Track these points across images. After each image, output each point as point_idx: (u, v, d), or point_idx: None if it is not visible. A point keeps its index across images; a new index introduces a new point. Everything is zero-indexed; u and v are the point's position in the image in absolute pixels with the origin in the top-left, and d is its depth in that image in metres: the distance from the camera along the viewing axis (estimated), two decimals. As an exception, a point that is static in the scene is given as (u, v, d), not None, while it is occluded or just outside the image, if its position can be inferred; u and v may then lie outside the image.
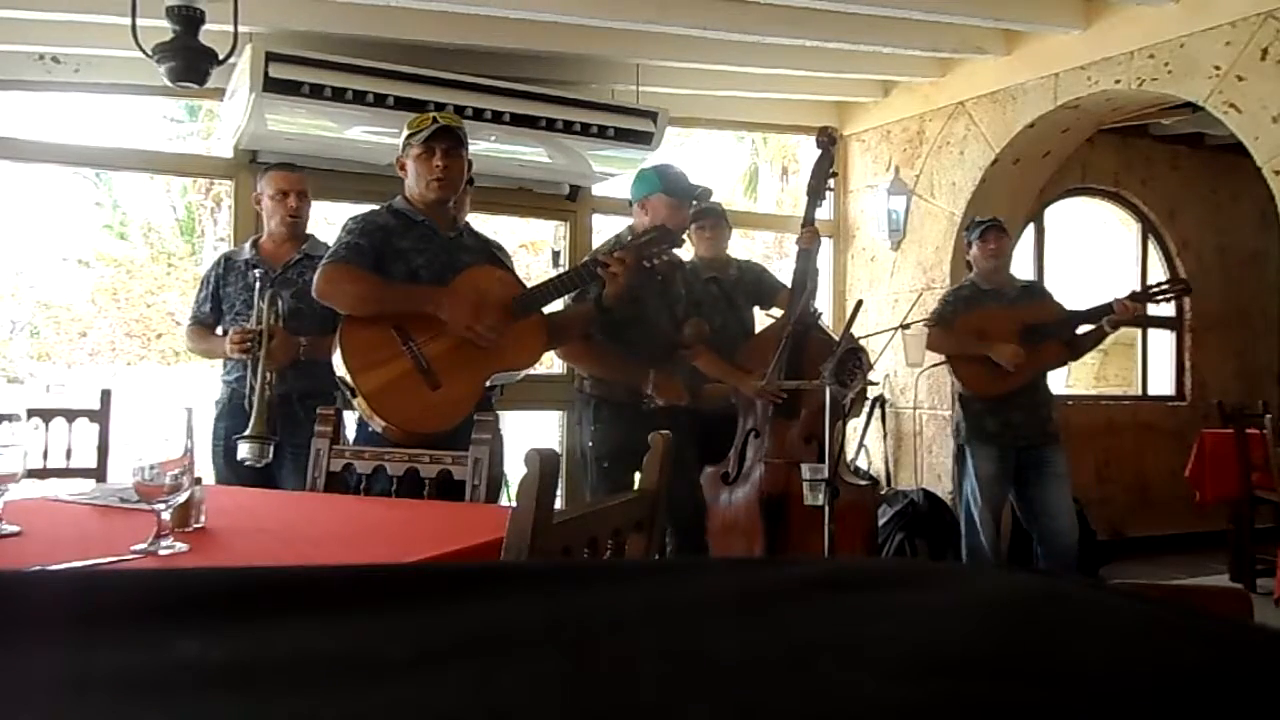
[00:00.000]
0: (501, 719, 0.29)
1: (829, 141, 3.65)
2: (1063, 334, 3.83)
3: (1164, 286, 3.86)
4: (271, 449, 2.77)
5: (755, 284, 3.79)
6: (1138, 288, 4.02)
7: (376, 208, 2.74)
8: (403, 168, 2.71)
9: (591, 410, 3.20)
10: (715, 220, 3.80)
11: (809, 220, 3.63)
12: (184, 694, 0.30)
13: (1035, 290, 4.08)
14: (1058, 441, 3.89)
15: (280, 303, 2.95)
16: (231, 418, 3.11)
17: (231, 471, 3.08)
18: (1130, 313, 3.72)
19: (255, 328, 2.92)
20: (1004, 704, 0.30)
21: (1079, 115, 4.51)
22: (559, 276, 2.82)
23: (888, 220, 5.06)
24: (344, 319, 2.56)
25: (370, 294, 2.52)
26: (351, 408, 2.60)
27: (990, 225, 3.89)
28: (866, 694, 0.30)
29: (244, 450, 2.74)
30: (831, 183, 3.69)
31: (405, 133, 2.69)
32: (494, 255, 2.78)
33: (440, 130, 2.63)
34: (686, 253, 3.87)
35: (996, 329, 3.79)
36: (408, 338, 2.53)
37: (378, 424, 2.50)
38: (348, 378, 2.50)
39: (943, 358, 3.98)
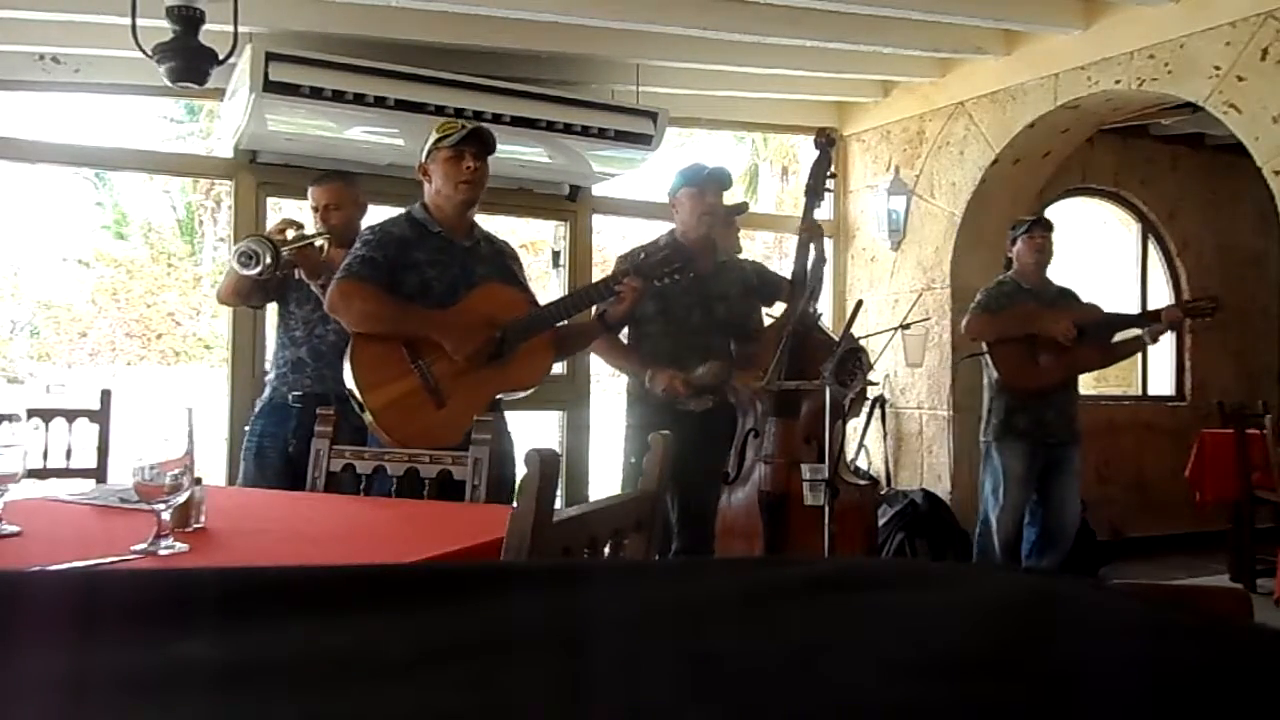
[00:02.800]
0: (501, 719, 0.29)
1: (827, 143, 3.65)
2: (1106, 335, 3.88)
3: (1200, 304, 3.88)
4: (267, 257, 2.77)
5: (754, 285, 3.79)
6: (1171, 300, 4.04)
7: (394, 216, 2.75)
8: (425, 174, 2.71)
9: (627, 408, 3.38)
10: (725, 219, 3.84)
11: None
12: (184, 694, 0.30)
13: (1071, 295, 4.08)
14: (1080, 442, 3.97)
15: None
16: (270, 417, 3.14)
17: (260, 473, 3.09)
18: (1175, 322, 3.80)
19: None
20: (1004, 704, 0.30)
21: (1079, 115, 4.51)
22: (559, 302, 2.82)
23: (888, 220, 5.06)
24: (354, 334, 2.59)
25: (379, 313, 2.56)
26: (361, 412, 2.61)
27: (1037, 221, 3.95)
28: (867, 694, 0.30)
29: (240, 248, 2.81)
30: (830, 184, 3.70)
31: (433, 137, 2.68)
32: (507, 266, 2.78)
33: (472, 134, 2.65)
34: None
35: (1039, 314, 3.85)
36: (417, 355, 2.56)
37: (383, 438, 2.52)
38: (357, 393, 2.55)
39: (983, 347, 3.96)
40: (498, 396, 2.65)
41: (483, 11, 3.64)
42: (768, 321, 3.58)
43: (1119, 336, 4.01)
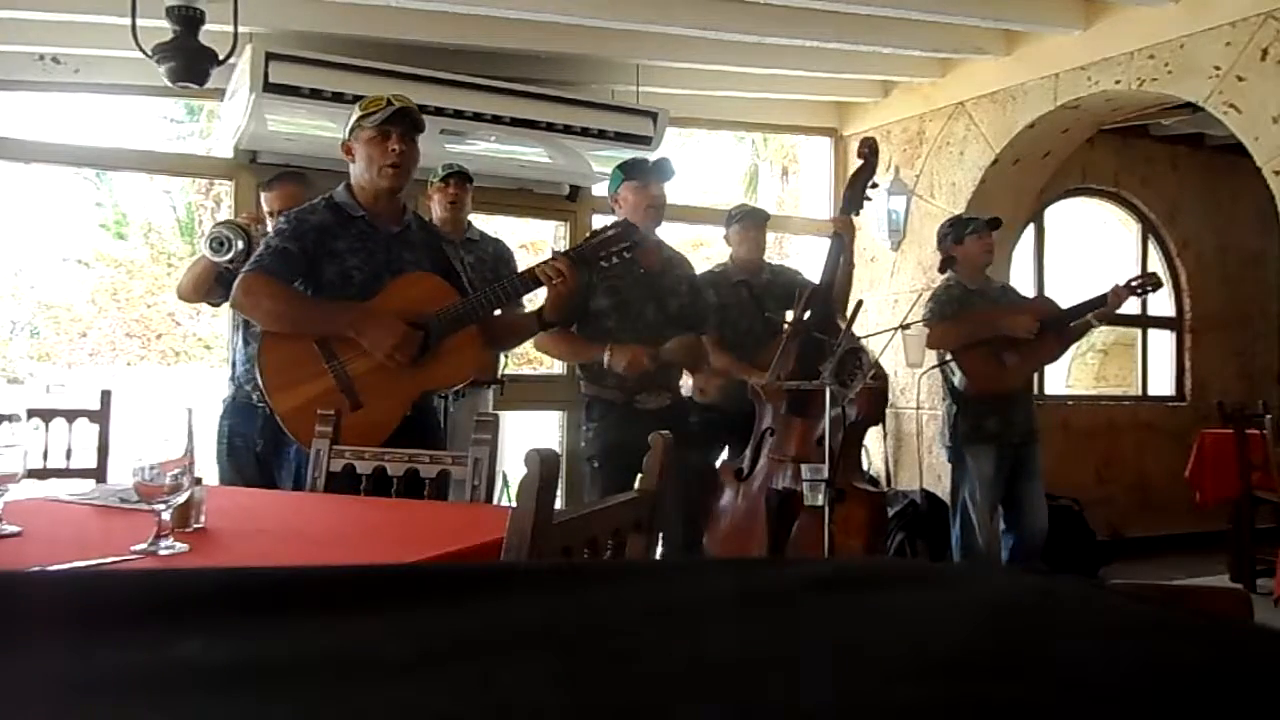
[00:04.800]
0: (501, 719, 0.29)
1: (871, 152, 3.64)
2: (1063, 325, 3.88)
3: (1143, 281, 3.91)
4: (239, 244, 2.75)
5: (786, 288, 3.80)
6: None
7: (314, 201, 2.54)
8: (349, 153, 2.50)
9: (584, 409, 3.32)
10: (754, 222, 3.87)
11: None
12: (184, 694, 0.30)
13: (1011, 291, 4.13)
14: (1039, 439, 3.99)
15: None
16: (235, 416, 3.15)
17: (236, 472, 3.10)
18: (1119, 302, 3.80)
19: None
20: (1004, 704, 0.29)
21: (1079, 115, 4.51)
22: (487, 292, 2.51)
23: (888, 220, 5.06)
24: (263, 331, 2.45)
25: (287, 312, 2.37)
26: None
27: (991, 222, 3.91)
28: (867, 694, 0.30)
29: (212, 233, 2.79)
30: (871, 194, 3.68)
31: (355, 114, 2.48)
32: (440, 252, 2.58)
33: (398, 113, 2.43)
34: (723, 254, 3.97)
35: (999, 315, 3.85)
36: (331, 354, 2.37)
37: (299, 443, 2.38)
38: (266, 395, 2.40)
39: (947, 355, 3.96)
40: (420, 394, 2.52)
41: (483, 11, 3.65)
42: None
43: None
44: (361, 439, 2.23)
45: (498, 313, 2.58)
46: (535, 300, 2.72)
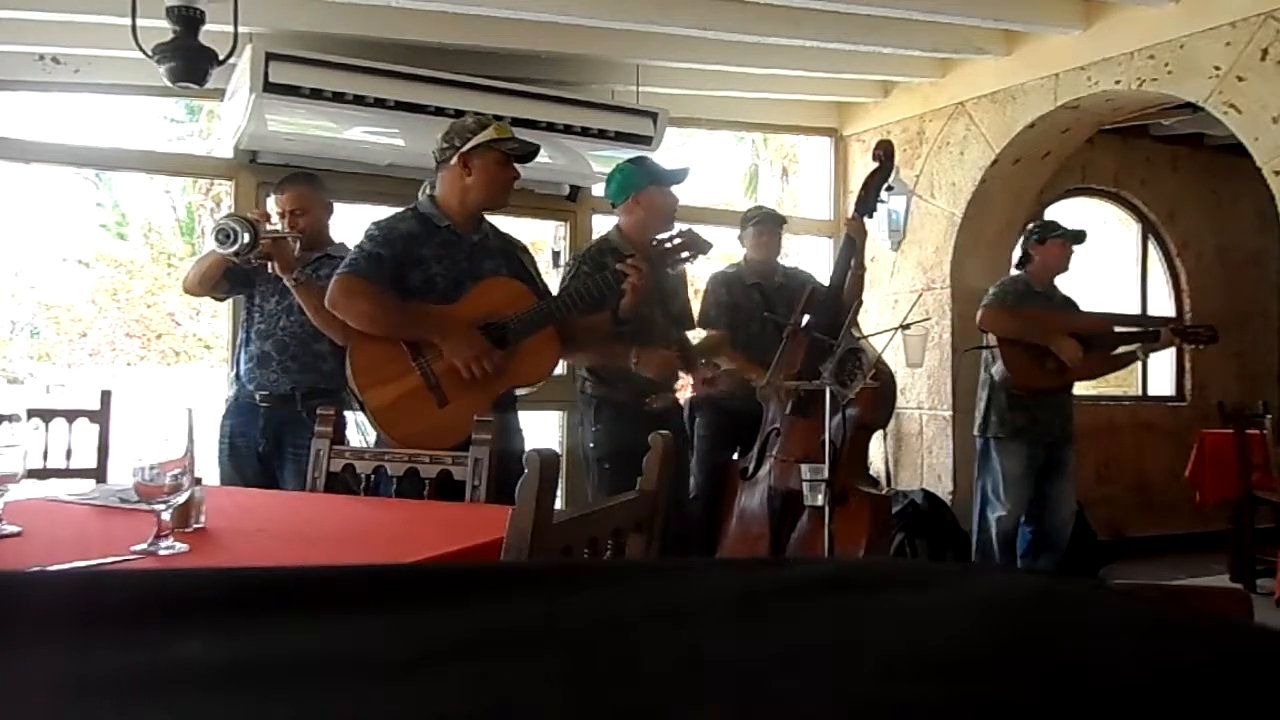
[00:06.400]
0: (501, 719, 0.29)
1: (885, 155, 3.64)
2: (1110, 347, 3.95)
3: (1199, 331, 4.00)
4: (245, 236, 2.72)
5: (799, 292, 3.80)
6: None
7: (400, 211, 2.70)
8: (465, 165, 2.62)
9: (592, 411, 3.27)
10: (770, 225, 3.89)
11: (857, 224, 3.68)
12: (184, 694, 0.30)
13: (1073, 303, 4.16)
14: (1074, 441, 4.03)
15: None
16: (238, 416, 3.15)
17: (237, 472, 3.11)
18: (1170, 343, 3.93)
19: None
20: (1004, 704, 0.29)
21: (1079, 115, 4.51)
22: (565, 295, 2.73)
23: (888, 221, 5.06)
24: (354, 331, 2.56)
25: (380, 315, 2.52)
26: (361, 411, 2.61)
27: (1077, 234, 3.98)
28: (866, 694, 0.30)
29: (219, 224, 2.79)
30: (885, 195, 3.69)
31: (487, 135, 2.61)
32: (516, 258, 2.75)
33: (527, 152, 2.68)
34: (724, 253, 3.98)
35: (1054, 327, 3.91)
36: (419, 353, 2.52)
37: (385, 438, 2.52)
38: (357, 392, 2.53)
39: (993, 340, 3.97)
40: (503, 393, 2.63)
41: (483, 11, 3.64)
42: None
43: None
44: (449, 435, 2.35)
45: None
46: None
